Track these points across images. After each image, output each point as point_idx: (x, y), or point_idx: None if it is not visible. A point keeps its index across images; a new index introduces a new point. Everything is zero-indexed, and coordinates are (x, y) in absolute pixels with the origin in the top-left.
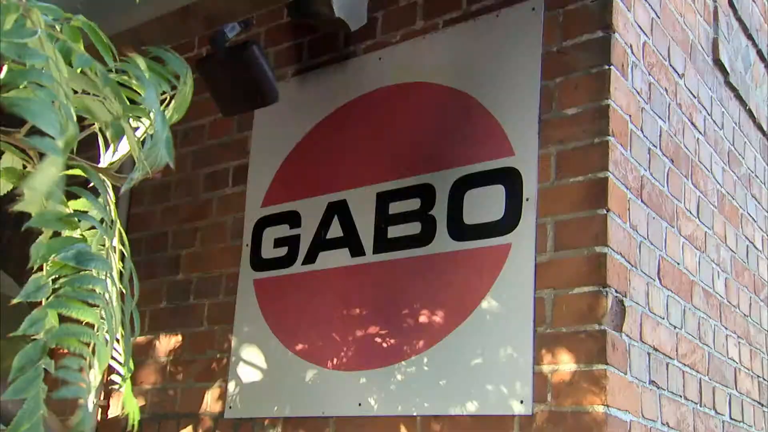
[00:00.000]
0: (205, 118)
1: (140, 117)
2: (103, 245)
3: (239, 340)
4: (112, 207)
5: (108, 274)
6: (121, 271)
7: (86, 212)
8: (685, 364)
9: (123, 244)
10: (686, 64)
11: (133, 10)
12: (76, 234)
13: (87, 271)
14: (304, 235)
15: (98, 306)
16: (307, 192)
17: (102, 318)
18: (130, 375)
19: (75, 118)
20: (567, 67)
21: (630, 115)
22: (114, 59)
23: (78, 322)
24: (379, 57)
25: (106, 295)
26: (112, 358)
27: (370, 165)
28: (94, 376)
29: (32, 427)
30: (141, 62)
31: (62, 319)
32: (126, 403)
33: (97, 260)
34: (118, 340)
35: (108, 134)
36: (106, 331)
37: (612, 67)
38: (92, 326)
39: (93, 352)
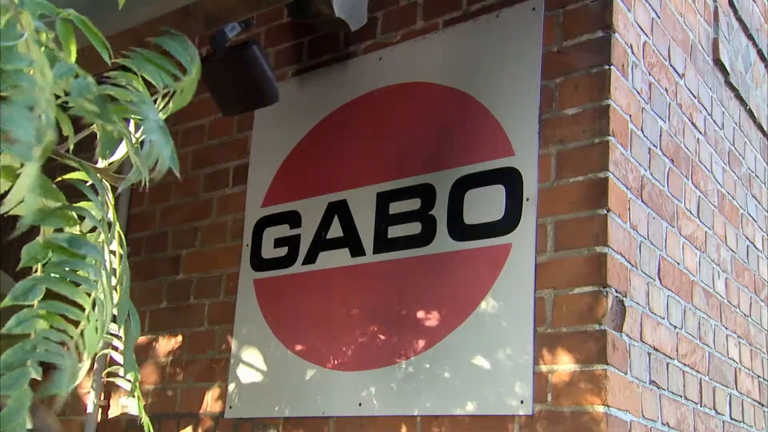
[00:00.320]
0: (205, 118)
1: (138, 117)
2: (100, 242)
3: (239, 340)
4: (111, 208)
5: (101, 264)
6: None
7: (87, 210)
8: (685, 364)
9: (121, 246)
10: (686, 64)
11: (132, 10)
12: (75, 231)
13: (79, 257)
14: (305, 235)
15: (89, 290)
16: (307, 192)
17: (93, 304)
18: (138, 381)
19: (54, 125)
20: (567, 67)
21: (630, 115)
22: (110, 56)
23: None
24: (379, 57)
25: (98, 283)
26: (117, 366)
27: (370, 165)
28: (82, 362)
29: (18, 426)
30: (147, 56)
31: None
32: (141, 414)
33: (89, 247)
34: (118, 337)
35: (99, 136)
36: (97, 319)
37: (612, 67)
38: (82, 309)
39: (81, 335)
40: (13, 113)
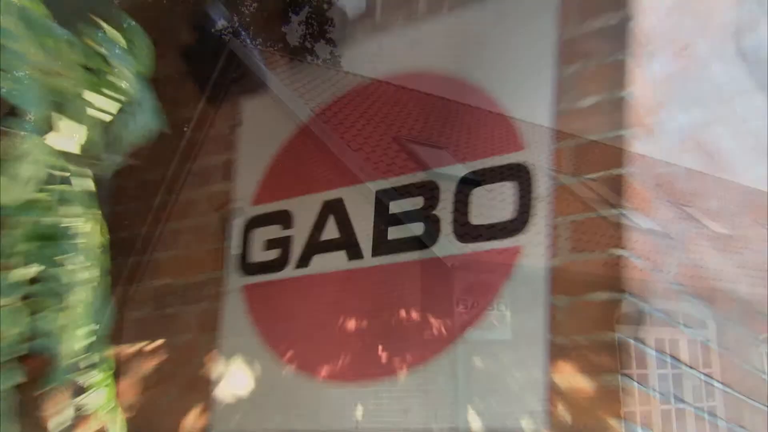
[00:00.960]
0: (192, 111)
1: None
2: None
3: (227, 350)
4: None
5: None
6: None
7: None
8: (708, 375)
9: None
10: (711, 52)
11: None
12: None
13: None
14: (297, 237)
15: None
16: (300, 189)
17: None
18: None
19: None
20: (583, 55)
21: (650, 107)
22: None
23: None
24: (378, 44)
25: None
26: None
27: (369, 160)
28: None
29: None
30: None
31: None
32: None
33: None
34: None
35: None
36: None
37: (631, 55)
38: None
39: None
40: (21, 89)
